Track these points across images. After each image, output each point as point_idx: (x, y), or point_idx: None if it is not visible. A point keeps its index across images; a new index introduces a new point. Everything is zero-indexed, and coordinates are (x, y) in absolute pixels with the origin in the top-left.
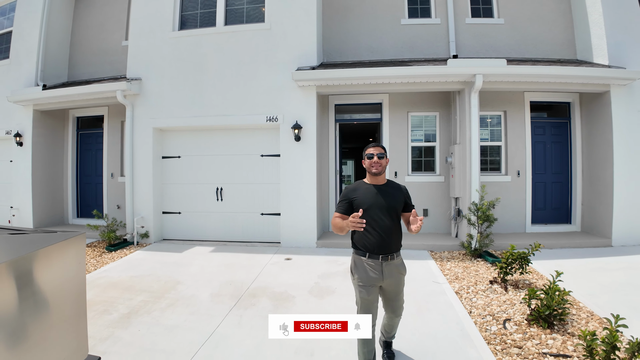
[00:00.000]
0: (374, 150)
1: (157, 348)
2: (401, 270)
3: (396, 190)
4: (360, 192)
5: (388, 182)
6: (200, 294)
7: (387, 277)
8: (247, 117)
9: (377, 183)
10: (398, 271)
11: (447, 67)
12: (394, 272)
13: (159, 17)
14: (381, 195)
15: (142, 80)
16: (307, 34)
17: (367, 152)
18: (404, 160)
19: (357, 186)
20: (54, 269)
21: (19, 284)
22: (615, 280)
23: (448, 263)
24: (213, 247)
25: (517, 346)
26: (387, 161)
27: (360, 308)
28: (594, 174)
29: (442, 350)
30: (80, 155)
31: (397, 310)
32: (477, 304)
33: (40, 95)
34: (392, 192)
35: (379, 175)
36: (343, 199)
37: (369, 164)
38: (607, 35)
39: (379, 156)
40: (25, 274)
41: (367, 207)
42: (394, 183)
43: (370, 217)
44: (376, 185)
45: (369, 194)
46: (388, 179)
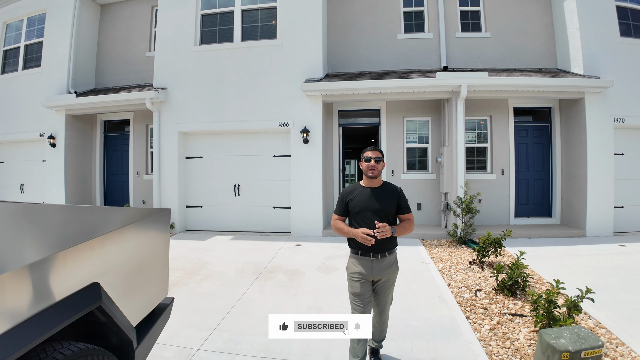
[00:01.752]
0: (372, 153)
1: (198, 308)
2: (393, 267)
3: (389, 193)
4: (355, 194)
5: (384, 184)
6: (226, 271)
7: (377, 273)
8: (261, 122)
9: (373, 186)
10: (389, 268)
11: (435, 80)
12: (385, 269)
13: (182, 33)
14: (374, 198)
15: (168, 89)
16: (314, 49)
17: (365, 155)
18: (399, 160)
19: (353, 188)
20: (155, 229)
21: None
22: (580, 263)
23: (436, 249)
24: (232, 236)
25: (483, 307)
26: (384, 165)
27: (352, 302)
28: (571, 172)
29: (422, 309)
30: (107, 156)
31: (383, 305)
32: (455, 279)
33: (73, 102)
34: (385, 195)
35: (374, 178)
36: (340, 200)
37: (366, 167)
38: (583, 47)
39: (376, 160)
40: (144, 230)
41: (360, 209)
42: (390, 185)
43: (362, 219)
44: (371, 188)
45: (363, 196)
46: (384, 181)
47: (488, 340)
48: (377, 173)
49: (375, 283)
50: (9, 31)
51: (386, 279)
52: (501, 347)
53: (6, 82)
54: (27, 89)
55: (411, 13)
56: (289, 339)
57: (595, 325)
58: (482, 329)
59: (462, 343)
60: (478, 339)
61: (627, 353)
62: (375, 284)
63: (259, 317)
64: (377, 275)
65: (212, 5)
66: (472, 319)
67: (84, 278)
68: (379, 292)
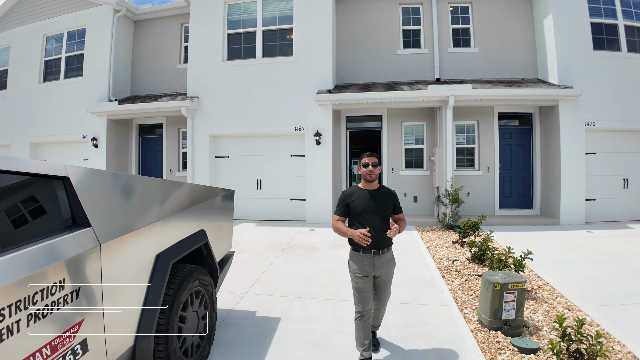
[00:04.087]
0: (369, 160)
1: (240, 270)
2: (391, 263)
3: (387, 195)
4: (355, 196)
5: (380, 187)
6: (256, 247)
7: (379, 268)
8: (280, 127)
9: (370, 188)
10: (388, 263)
11: (427, 91)
12: (385, 264)
13: (211, 50)
14: (373, 200)
15: (200, 98)
16: (325, 65)
17: (363, 161)
18: (398, 159)
19: (353, 191)
20: (227, 201)
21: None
22: (547, 244)
23: (427, 233)
24: (255, 223)
25: (457, 271)
26: (380, 169)
27: (356, 296)
28: (548, 169)
29: (409, 271)
30: (142, 155)
31: (384, 299)
32: (439, 253)
33: (115, 109)
34: (383, 196)
35: (372, 181)
36: (340, 202)
37: (365, 171)
38: (558, 60)
39: (373, 165)
40: (223, 200)
41: (361, 210)
42: (385, 188)
43: (363, 218)
44: (369, 191)
45: (363, 198)
46: (380, 185)
47: (456, 290)
48: (374, 176)
49: (376, 279)
50: (49, 43)
51: (386, 274)
52: (465, 294)
53: (48, 89)
54: (69, 96)
55: (409, 31)
56: (310, 285)
57: (539, 279)
58: (453, 284)
59: (436, 291)
60: (449, 289)
61: (554, 292)
62: (376, 279)
63: (286, 275)
64: (378, 271)
65: (237, 26)
66: (447, 278)
67: (198, 225)
68: (379, 287)
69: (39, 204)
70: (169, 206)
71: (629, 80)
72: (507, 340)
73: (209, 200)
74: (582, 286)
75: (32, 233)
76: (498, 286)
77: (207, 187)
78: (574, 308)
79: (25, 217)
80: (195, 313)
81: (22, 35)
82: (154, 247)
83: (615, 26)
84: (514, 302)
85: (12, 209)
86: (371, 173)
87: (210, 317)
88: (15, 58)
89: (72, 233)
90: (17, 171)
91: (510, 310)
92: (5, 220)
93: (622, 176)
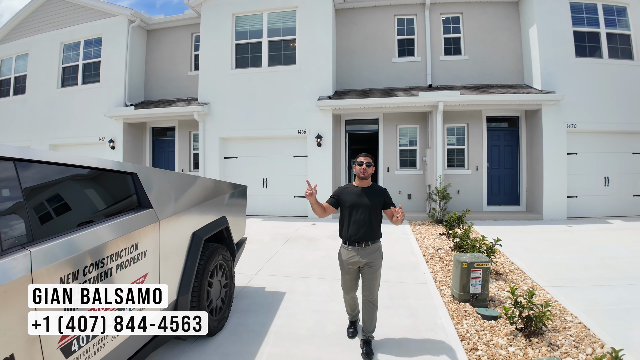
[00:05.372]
0: (364, 159)
1: (250, 257)
2: (377, 254)
3: (377, 192)
4: (347, 191)
5: (372, 185)
6: (263, 238)
7: (364, 258)
8: (284, 130)
9: (363, 186)
10: (373, 254)
11: (419, 98)
12: (370, 254)
13: (221, 59)
14: (364, 196)
15: (210, 103)
16: (326, 73)
17: (358, 160)
18: (394, 159)
19: (347, 187)
20: (242, 195)
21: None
22: (526, 236)
23: (418, 226)
24: (262, 218)
25: (439, 257)
26: (373, 169)
27: (342, 284)
28: (533, 168)
29: (397, 257)
30: (155, 156)
31: (373, 289)
32: (426, 243)
33: (132, 113)
34: (373, 193)
35: (365, 179)
36: (334, 194)
37: (359, 169)
38: (542, 67)
39: (367, 164)
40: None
41: (350, 204)
42: (377, 186)
43: (351, 212)
44: (362, 188)
45: (354, 194)
46: (372, 183)
47: (437, 272)
48: (367, 175)
49: (362, 268)
50: (66, 51)
51: (371, 262)
52: (444, 275)
53: (67, 94)
54: (88, 101)
55: (404, 40)
56: (311, 268)
57: (512, 265)
58: (435, 267)
59: (419, 273)
60: (430, 272)
61: (523, 275)
62: (362, 269)
63: (290, 260)
64: (363, 260)
65: (244, 37)
66: (430, 263)
67: (220, 212)
68: (365, 274)
69: (121, 191)
70: (200, 196)
71: (610, 85)
72: (474, 310)
73: (228, 193)
74: (549, 271)
75: (119, 210)
76: (465, 265)
77: (227, 183)
78: (538, 287)
79: (115, 198)
80: (219, 282)
81: (40, 42)
82: (191, 226)
83: (598, 34)
84: (480, 279)
85: (106, 194)
86: (364, 171)
87: (229, 287)
88: (33, 64)
89: (142, 211)
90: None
91: (477, 285)
92: (102, 200)
93: (603, 175)
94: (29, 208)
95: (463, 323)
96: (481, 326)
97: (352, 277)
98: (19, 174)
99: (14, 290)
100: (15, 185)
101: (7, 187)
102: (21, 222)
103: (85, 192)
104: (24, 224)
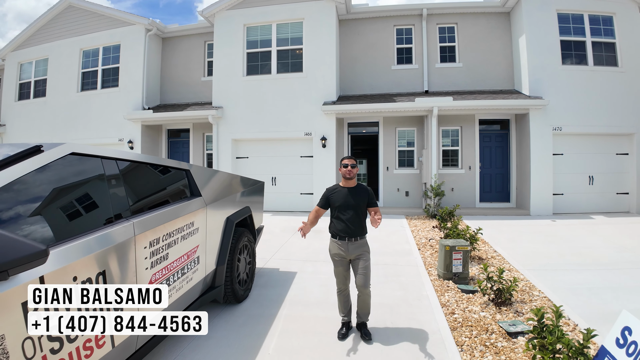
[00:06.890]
0: (349, 161)
1: (263, 245)
2: (364, 247)
3: (362, 192)
4: (335, 192)
5: (357, 185)
6: (273, 230)
7: (352, 252)
8: (291, 132)
9: (349, 186)
10: (361, 247)
11: (415, 103)
12: (357, 248)
13: (233, 67)
14: (350, 196)
15: (223, 107)
16: (330, 80)
17: (344, 163)
18: (393, 159)
19: (334, 188)
20: (260, 189)
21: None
22: (512, 229)
23: (413, 220)
24: (271, 213)
25: (430, 245)
26: (357, 170)
27: (335, 277)
28: (522, 168)
29: (393, 245)
30: (170, 156)
31: (365, 280)
32: (420, 234)
33: (150, 116)
34: (359, 193)
35: (350, 180)
36: (323, 196)
37: (344, 171)
38: (530, 74)
39: (352, 166)
40: (258, 188)
41: (339, 204)
42: (362, 186)
43: (339, 211)
44: (348, 188)
45: (341, 194)
46: (358, 183)
47: (427, 258)
48: (352, 175)
49: (352, 262)
50: (85, 57)
51: (361, 254)
52: (433, 260)
53: (87, 98)
54: (107, 104)
55: (402, 49)
56: (318, 254)
57: (494, 252)
58: (425, 253)
59: (411, 257)
60: (421, 257)
61: (503, 260)
62: (352, 262)
63: (299, 248)
64: (351, 254)
65: (255, 46)
66: (421, 250)
67: (246, 203)
68: (356, 265)
69: (180, 182)
70: (232, 189)
71: (594, 90)
72: (455, 286)
73: (251, 187)
74: (526, 257)
75: (180, 196)
76: (448, 248)
77: (250, 179)
78: (514, 270)
79: (177, 188)
80: (244, 259)
81: (60, 48)
82: (226, 212)
83: (584, 42)
84: (461, 260)
85: (172, 184)
86: (350, 172)
87: (252, 264)
88: (53, 69)
89: (195, 198)
90: (170, 166)
91: (459, 266)
92: (171, 188)
93: (587, 174)
94: (129, 193)
95: (445, 295)
96: (460, 298)
97: (344, 268)
98: (120, 169)
99: (126, 247)
100: (119, 177)
101: (114, 178)
102: (126, 202)
103: (161, 182)
104: (128, 203)
